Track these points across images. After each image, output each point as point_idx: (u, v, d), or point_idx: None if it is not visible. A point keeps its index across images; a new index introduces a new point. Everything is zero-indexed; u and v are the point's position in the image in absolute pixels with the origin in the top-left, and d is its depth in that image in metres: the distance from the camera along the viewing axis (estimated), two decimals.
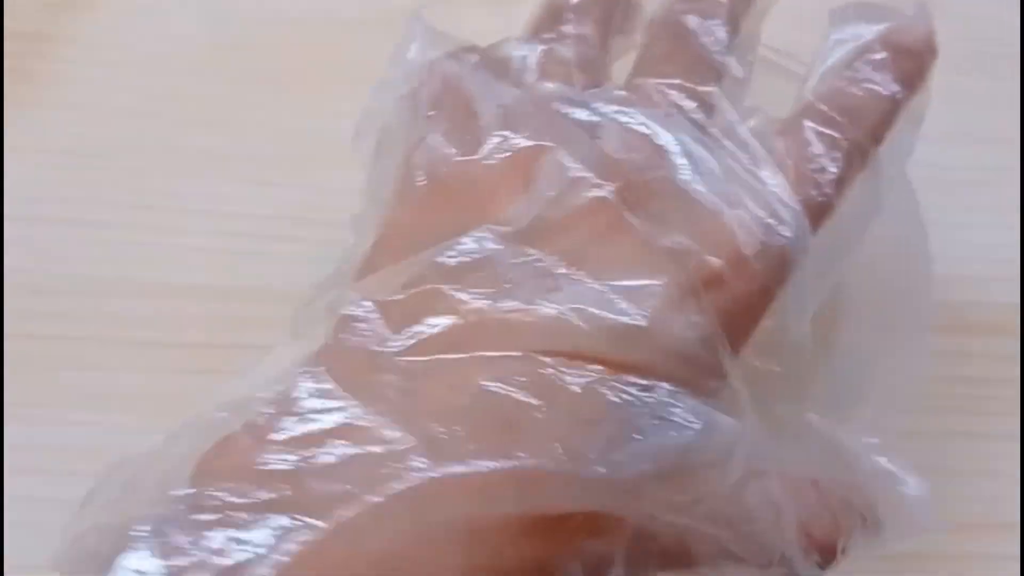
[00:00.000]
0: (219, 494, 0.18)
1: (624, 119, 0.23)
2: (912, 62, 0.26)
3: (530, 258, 0.21)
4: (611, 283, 0.20)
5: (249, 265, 0.35)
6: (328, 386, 0.19)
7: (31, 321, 0.34)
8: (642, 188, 0.22)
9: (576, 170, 0.21)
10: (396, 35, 0.40)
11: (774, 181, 0.22)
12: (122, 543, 0.18)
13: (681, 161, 0.22)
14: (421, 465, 0.18)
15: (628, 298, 0.20)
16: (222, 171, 0.37)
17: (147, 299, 0.34)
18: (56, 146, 0.38)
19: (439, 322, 0.20)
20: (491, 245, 0.21)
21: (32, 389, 0.32)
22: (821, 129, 0.23)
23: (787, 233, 0.22)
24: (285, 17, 0.41)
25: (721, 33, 0.25)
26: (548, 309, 0.20)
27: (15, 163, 0.37)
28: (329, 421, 0.19)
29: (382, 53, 0.40)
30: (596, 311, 0.20)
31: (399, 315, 0.21)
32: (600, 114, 0.23)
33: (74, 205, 0.37)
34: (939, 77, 0.37)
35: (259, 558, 0.17)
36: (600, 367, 0.20)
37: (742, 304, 0.22)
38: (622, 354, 0.20)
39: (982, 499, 0.32)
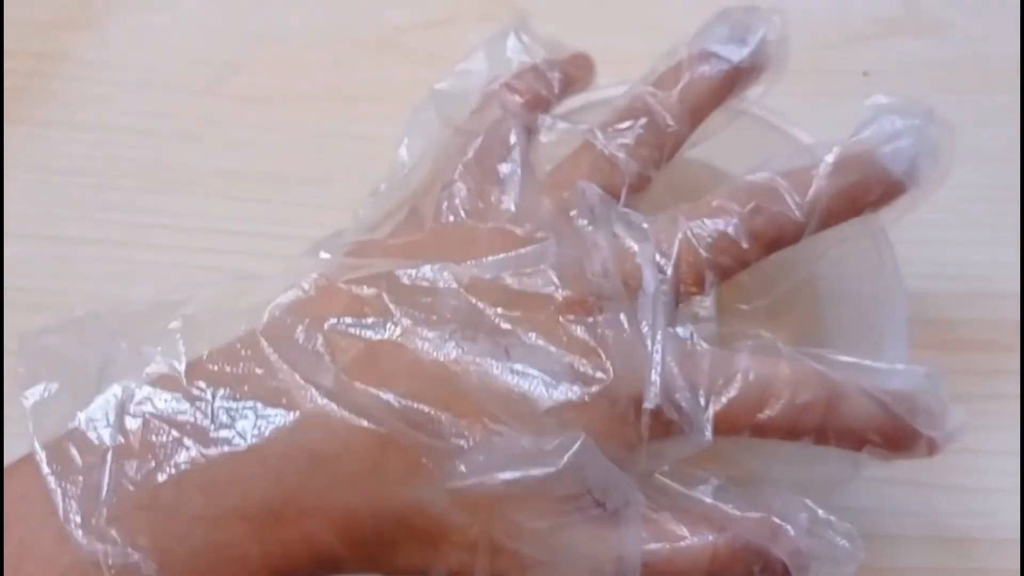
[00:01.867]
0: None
1: (627, 244, 0.24)
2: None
3: (471, 305, 0.23)
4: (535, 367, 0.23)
5: None
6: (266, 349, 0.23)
7: None
8: (593, 305, 0.24)
9: (544, 268, 0.24)
10: (391, 56, 0.40)
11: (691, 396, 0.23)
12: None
13: (647, 312, 0.24)
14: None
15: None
16: (221, 189, 0.38)
17: None
18: (57, 165, 0.38)
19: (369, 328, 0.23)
20: (444, 278, 0.23)
21: None
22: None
23: (693, 435, 0.23)
24: (282, 37, 0.41)
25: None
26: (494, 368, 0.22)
27: (15, 181, 0.38)
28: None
29: (378, 73, 0.40)
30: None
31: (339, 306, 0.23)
32: (606, 237, 0.25)
33: (74, 223, 0.37)
34: (940, 95, 0.37)
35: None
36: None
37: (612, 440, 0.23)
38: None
39: (982, 514, 0.32)
